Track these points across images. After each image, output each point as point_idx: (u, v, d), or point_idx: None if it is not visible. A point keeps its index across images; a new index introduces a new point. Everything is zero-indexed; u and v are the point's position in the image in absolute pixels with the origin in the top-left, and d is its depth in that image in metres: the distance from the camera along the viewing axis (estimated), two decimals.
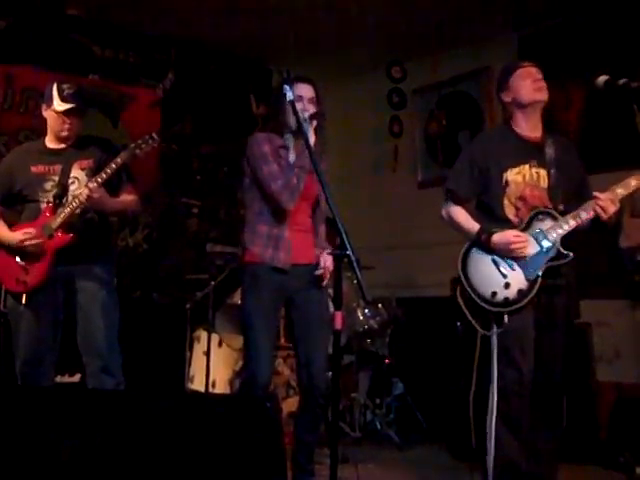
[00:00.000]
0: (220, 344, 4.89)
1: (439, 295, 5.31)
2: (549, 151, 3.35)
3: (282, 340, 4.69)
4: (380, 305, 5.09)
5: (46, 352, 3.53)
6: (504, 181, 3.33)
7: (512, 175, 3.33)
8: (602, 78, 3.26)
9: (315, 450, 3.54)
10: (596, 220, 3.24)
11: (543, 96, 3.36)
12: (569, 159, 3.41)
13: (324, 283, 3.42)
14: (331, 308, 3.39)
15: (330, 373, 3.69)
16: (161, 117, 6.01)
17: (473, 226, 3.34)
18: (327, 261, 3.42)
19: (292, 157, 3.39)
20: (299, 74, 3.46)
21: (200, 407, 2.70)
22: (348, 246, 2.72)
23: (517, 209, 3.32)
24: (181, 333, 5.08)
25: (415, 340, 5.56)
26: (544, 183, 3.33)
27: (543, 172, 3.33)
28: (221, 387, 4.77)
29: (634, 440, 4.21)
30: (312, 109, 3.37)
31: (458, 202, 3.44)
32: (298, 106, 3.30)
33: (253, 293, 3.41)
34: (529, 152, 3.35)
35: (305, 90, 3.40)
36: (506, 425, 3.17)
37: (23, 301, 3.49)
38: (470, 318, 3.27)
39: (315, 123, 3.33)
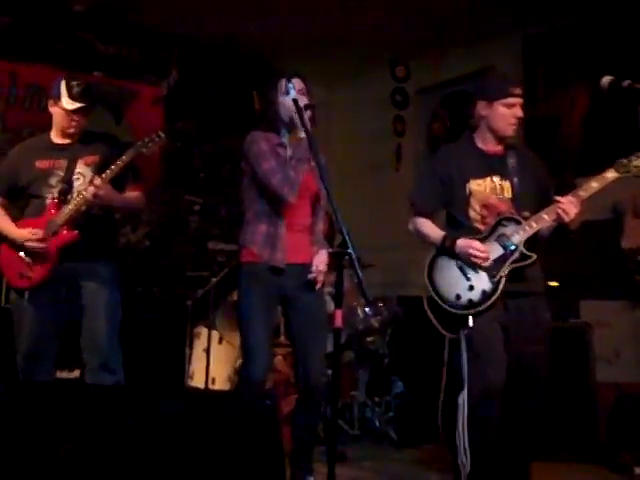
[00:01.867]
0: (220, 341, 4.91)
1: None
2: (511, 161, 3.40)
3: (282, 338, 4.70)
4: (381, 304, 5.10)
5: (47, 348, 3.53)
6: (467, 191, 3.37)
7: (475, 185, 3.37)
8: (606, 79, 3.27)
9: (314, 448, 3.55)
10: (559, 226, 3.28)
11: (512, 132, 3.39)
12: (532, 169, 3.45)
13: (317, 287, 3.39)
14: (331, 306, 3.41)
15: (330, 371, 3.71)
16: (164, 114, 6.02)
17: (438, 234, 3.41)
18: (320, 263, 3.40)
19: (289, 152, 3.39)
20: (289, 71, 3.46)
21: (199, 404, 2.70)
22: (349, 244, 2.73)
23: (483, 217, 3.36)
24: (181, 330, 5.09)
25: (415, 339, 5.55)
26: (508, 194, 3.37)
27: (506, 184, 3.38)
28: (221, 384, 4.78)
29: (633, 440, 4.22)
30: (305, 100, 3.33)
31: (422, 214, 3.51)
32: (290, 98, 3.29)
33: (249, 292, 3.41)
34: (491, 165, 3.40)
35: (295, 83, 3.36)
36: (476, 429, 3.18)
37: (26, 297, 3.50)
38: (436, 323, 3.33)
39: (310, 113, 3.29)
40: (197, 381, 4.85)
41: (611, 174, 3.21)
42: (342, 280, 2.85)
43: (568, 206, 3.18)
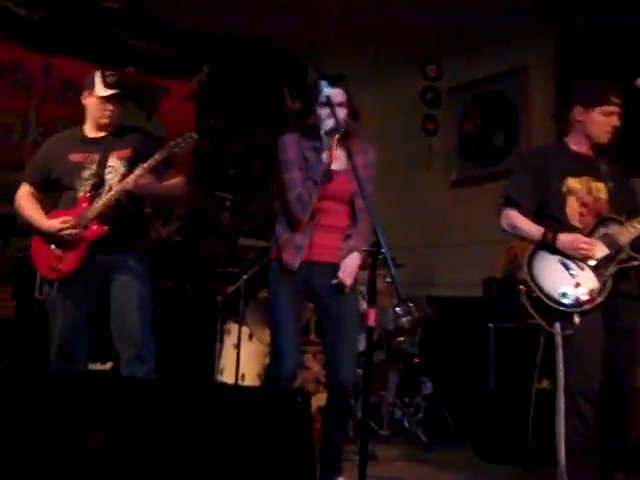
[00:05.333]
0: (250, 337, 4.91)
1: (471, 295, 5.29)
2: (603, 167, 3.37)
3: (312, 336, 4.69)
4: (411, 303, 5.06)
5: (80, 340, 3.55)
6: (565, 189, 3.33)
7: (572, 183, 3.33)
8: None
9: (344, 447, 3.53)
10: None
11: (607, 140, 3.36)
12: (621, 177, 3.43)
13: (345, 290, 3.34)
14: (364, 305, 3.38)
15: (361, 370, 3.68)
16: (196, 110, 6.04)
17: (537, 228, 3.33)
18: (348, 265, 3.34)
19: (323, 158, 3.33)
20: (329, 75, 3.39)
21: (231, 399, 2.69)
22: (383, 244, 2.71)
23: (581, 215, 3.32)
24: (212, 325, 5.10)
25: (445, 340, 5.53)
26: (603, 195, 3.34)
27: (601, 185, 3.35)
28: (250, 380, 4.79)
29: None
30: (342, 114, 3.30)
31: (519, 210, 3.41)
32: (325, 112, 3.29)
33: (277, 288, 3.43)
34: (585, 167, 3.37)
35: (334, 95, 3.31)
36: (576, 426, 3.15)
37: (55, 288, 3.52)
38: (540, 321, 3.22)
39: (337, 136, 3.27)
40: (227, 377, 4.87)
41: None
42: (375, 279, 2.84)
43: None
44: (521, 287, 3.34)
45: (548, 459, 3.42)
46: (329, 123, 3.28)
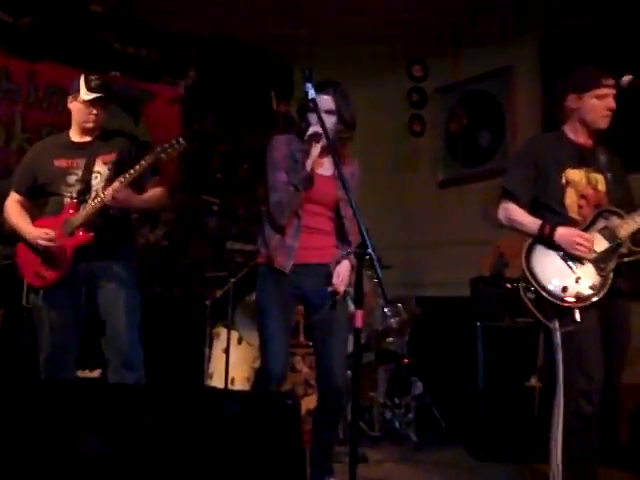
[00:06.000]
0: (239, 341, 4.91)
1: (459, 295, 5.30)
2: (602, 157, 3.32)
3: (301, 338, 4.69)
4: (399, 304, 5.07)
5: (68, 347, 3.53)
6: (564, 180, 3.27)
7: (571, 175, 3.27)
8: (626, 78, 3.24)
9: (334, 449, 3.54)
10: None
11: (606, 125, 3.29)
12: (620, 168, 3.39)
13: (338, 296, 3.33)
14: (351, 307, 3.38)
15: (350, 372, 3.68)
16: (182, 114, 6.03)
17: (534, 221, 3.25)
18: (340, 273, 3.34)
19: (307, 164, 3.32)
20: (320, 81, 3.31)
21: (220, 403, 2.69)
22: (369, 245, 2.71)
23: (580, 207, 3.26)
24: (200, 330, 5.09)
25: (434, 340, 5.54)
26: (602, 187, 3.29)
27: (600, 177, 3.30)
28: (240, 384, 4.78)
29: None
30: (330, 122, 3.24)
31: (517, 203, 3.35)
32: (313, 117, 3.24)
33: (265, 291, 3.42)
34: (584, 157, 3.31)
35: (323, 102, 3.25)
36: (574, 426, 3.08)
37: (40, 296, 3.51)
38: (542, 319, 3.14)
39: (321, 143, 3.26)
40: (216, 381, 4.85)
41: None
42: (362, 280, 2.83)
43: None
44: (507, 285, 3.33)
45: (539, 455, 3.43)
46: (311, 129, 3.27)
